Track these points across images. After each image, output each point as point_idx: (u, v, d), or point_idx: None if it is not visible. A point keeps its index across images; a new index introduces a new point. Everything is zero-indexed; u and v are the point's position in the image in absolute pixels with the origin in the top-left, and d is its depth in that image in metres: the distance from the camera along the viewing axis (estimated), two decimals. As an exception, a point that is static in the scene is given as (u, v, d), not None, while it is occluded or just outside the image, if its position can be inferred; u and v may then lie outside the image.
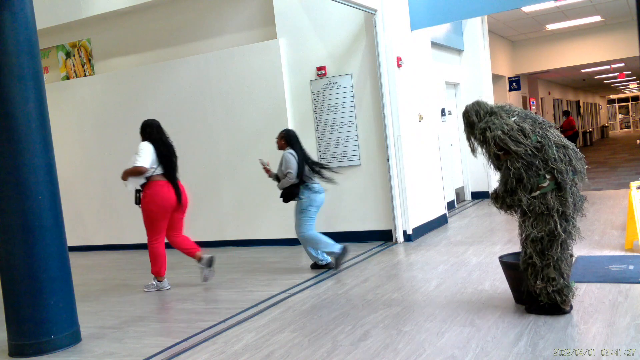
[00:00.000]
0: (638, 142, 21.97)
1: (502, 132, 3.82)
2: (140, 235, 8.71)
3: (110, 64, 9.26)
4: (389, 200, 7.26)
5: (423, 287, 5.05)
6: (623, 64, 18.76)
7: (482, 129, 3.93)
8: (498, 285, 4.78)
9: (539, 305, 3.93)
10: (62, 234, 4.39)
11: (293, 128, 7.76)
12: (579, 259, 5.23)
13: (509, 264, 4.21)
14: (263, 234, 7.88)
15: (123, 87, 8.91)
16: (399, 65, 7.21)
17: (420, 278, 5.40)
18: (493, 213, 4.14)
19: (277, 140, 6.23)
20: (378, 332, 3.96)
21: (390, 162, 7.17)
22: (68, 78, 9.63)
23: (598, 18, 13.34)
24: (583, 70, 19.12)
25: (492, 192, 4.12)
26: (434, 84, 8.61)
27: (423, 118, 7.83)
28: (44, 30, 8.40)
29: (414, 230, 7.30)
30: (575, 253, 4.19)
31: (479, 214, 8.94)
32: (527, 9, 11.47)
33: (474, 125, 4.02)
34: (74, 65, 9.55)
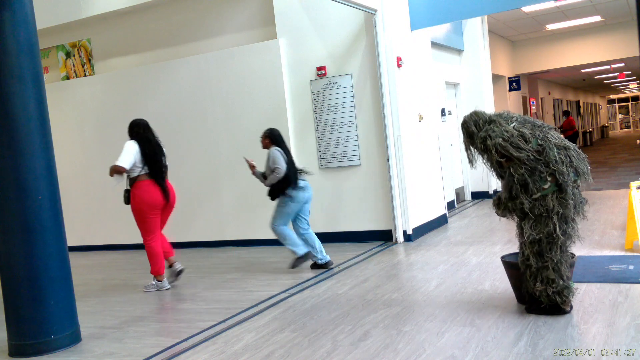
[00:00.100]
0: (638, 142, 21.96)
1: (502, 139, 3.82)
2: (140, 236, 8.73)
3: (110, 64, 9.26)
4: (389, 200, 7.26)
5: (423, 287, 5.05)
6: (623, 64, 18.76)
7: (482, 138, 3.92)
8: (498, 285, 4.78)
9: (539, 306, 3.93)
10: (62, 234, 4.39)
11: (293, 128, 7.78)
12: (579, 259, 5.22)
13: (511, 264, 4.21)
14: (263, 234, 7.86)
15: (123, 87, 8.91)
16: (399, 65, 7.21)
17: (420, 278, 5.40)
18: (493, 213, 4.14)
19: (261, 140, 6.29)
20: (378, 332, 3.96)
21: (390, 162, 7.17)
22: (68, 78, 9.63)
23: (598, 18, 13.34)
24: (583, 70, 19.12)
25: (494, 198, 4.12)
26: (434, 84, 8.61)
27: (423, 118, 7.83)
28: (44, 30, 8.40)
29: (414, 230, 7.30)
30: (576, 253, 4.19)
31: (479, 214, 8.94)
32: (527, 9, 11.47)
33: (474, 135, 4.01)
34: (74, 65, 9.55)
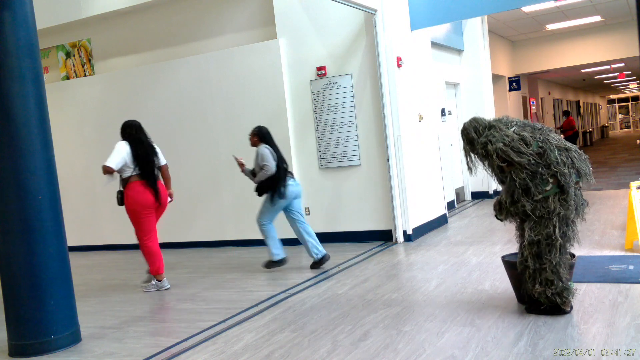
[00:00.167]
0: (638, 142, 21.97)
1: (503, 144, 3.82)
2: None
3: (110, 64, 9.26)
4: (389, 200, 7.26)
5: (423, 287, 5.05)
6: (623, 64, 18.76)
7: (483, 144, 3.92)
8: (498, 285, 4.78)
9: (539, 306, 3.92)
10: (62, 234, 4.39)
11: (293, 128, 7.78)
12: (579, 259, 5.22)
13: (511, 264, 4.20)
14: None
15: (123, 87, 8.91)
16: (399, 65, 7.21)
17: (420, 278, 5.40)
18: (493, 213, 4.16)
19: (249, 137, 6.31)
20: (378, 332, 3.96)
21: (390, 162, 7.17)
22: (68, 78, 9.63)
23: (598, 18, 13.34)
24: (583, 70, 19.12)
25: (494, 202, 4.12)
26: (434, 84, 8.61)
27: (423, 118, 7.83)
28: (44, 30, 8.40)
29: (414, 230, 7.30)
30: (576, 253, 4.19)
31: (479, 214, 8.94)
32: (527, 9, 11.47)
33: (474, 142, 4.01)
34: (74, 65, 9.55)
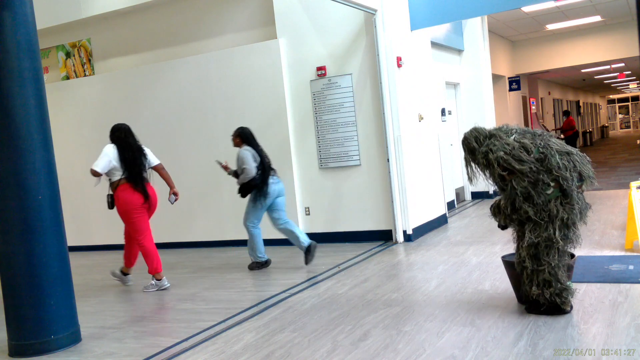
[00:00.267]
0: (638, 142, 21.97)
1: (504, 152, 3.83)
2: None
3: (110, 64, 9.26)
4: (389, 200, 7.26)
5: (423, 287, 5.05)
6: (623, 64, 18.76)
7: (484, 153, 3.94)
8: (498, 285, 4.78)
9: (539, 306, 3.93)
10: (62, 234, 4.39)
11: (293, 128, 7.78)
12: (579, 259, 5.22)
13: (512, 264, 4.20)
14: (263, 234, 7.86)
15: (123, 87, 8.91)
16: (399, 65, 7.21)
17: (420, 278, 5.40)
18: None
19: (232, 139, 6.41)
20: (378, 332, 3.96)
21: (390, 162, 7.17)
22: (68, 78, 9.63)
23: (598, 18, 13.34)
24: (583, 70, 19.11)
25: (492, 205, 4.12)
26: (434, 84, 8.61)
27: (423, 118, 7.83)
28: (44, 30, 8.40)
29: (414, 230, 7.30)
30: (575, 253, 4.19)
31: (479, 214, 8.94)
32: (527, 9, 11.47)
33: (475, 151, 4.02)
34: (74, 65, 9.55)
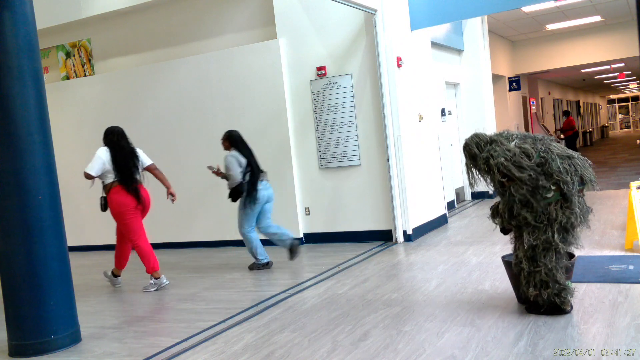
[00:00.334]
0: (638, 142, 21.97)
1: (504, 158, 3.83)
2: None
3: (110, 64, 9.26)
4: (389, 200, 7.26)
5: (423, 287, 5.05)
6: (623, 64, 18.75)
7: (484, 159, 3.95)
8: (498, 285, 4.78)
9: (539, 306, 3.93)
10: (62, 234, 4.39)
11: (293, 128, 7.77)
12: (579, 259, 5.22)
13: (512, 263, 4.21)
14: (263, 234, 7.87)
15: (123, 87, 8.91)
16: (399, 65, 7.21)
17: (420, 278, 5.40)
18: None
19: (221, 142, 6.45)
20: (378, 332, 3.96)
21: (390, 162, 7.17)
22: (68, 78, 9.63)
23: (598, 18, 13.34)
24: (583, 70, 19.11)
25: (492, 207, 4.13)
26: (434, 84, 8.61)
27: (423, 118, 7.83)
28: (44, 30, 8.40)
29: (414, 230, 7.29)
30: (576, 253, 4.19)
31: (479, 214, 8.94)
32: (527, 9, 11.47)
33: (477, 157, 4.03)
34: (74, 65, 9.55)
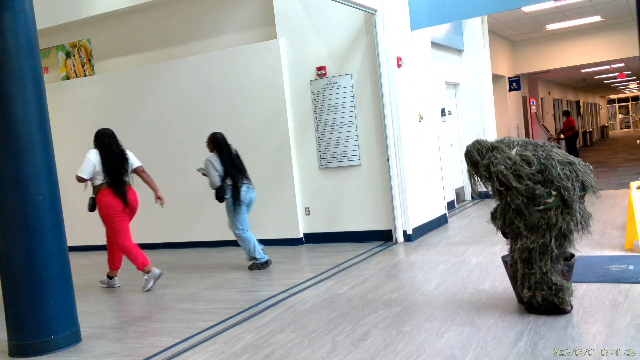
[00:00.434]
0: (638, 142, 21.97)
1: (504, 166, 3.85)
2: (140, 236, 8.72)
3: (110, 64, 9.26)
4: (389, 200, 7.26)
5: (423, 287, 5.05)
6: (623, 64, 18.75)
7: (485, 166, 3.97)
8: (498, 285, 4.78)
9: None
10: (62, 234, 4.39)
11: (293, 128, 7.77)
12: (579, 259, 5.22)
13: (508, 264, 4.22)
14: (263, 234, 7.87)
15: (123, 87, 8.91)
16: (399, 65, 7.21)
17: (420, 278, 5.40)
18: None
19: (206, 144, 6.57)
20: (378, 332, 3.96)
21: (390, 162, 7.17)
22: (68, 78, 9.63)
23: (598, 18, 13.34)
24: (583, 70, 19.11)
25: (492, 211, 4.16)
26: (434, 84, 8.61)
27: (423, 118, 7.83)
28: (44, 30, 8.40)
29: (414, 230, 7.29)
30: (576, 253, 4.19)
31: (479, 214, 8.93)
32: (527, 9, 11.47)
33: (478, 164, 4.05)
34: (74, 65, 9.55)
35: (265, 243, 7.80)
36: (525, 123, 16.17)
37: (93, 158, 5.95)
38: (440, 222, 8.14)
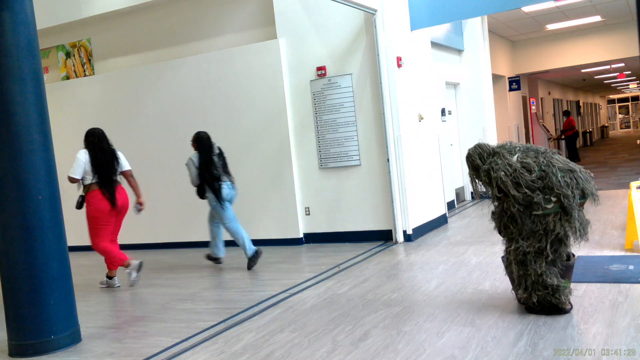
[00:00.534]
0: (638, 142, 21.98)
1: (504, 173, 3.85)
2: (140, 236, 8.74)
3: (110, 64, 9.26)
4: (389, 200, 7.26)
5: (423, 287, 5.05)
6: (623, 64, 18.75)
7: (486, 171, 3.98)
8: (498, 285, 4.78)
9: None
10: (62, 234, 4.39)
11: (293, 128, 7.77)
12: (579, 259, 5.22)
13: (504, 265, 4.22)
14: (263, 234, 7.88)
15: (123, 87, 8.91)
16: (399, 65, 7.21)
17: (420, 278, 5.40)
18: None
19: (191, 144, 6.65)
20: (378, 332, 3.96)
21: (390, 162, 7.17)
22: (68, 78, 9.63)
23: (598, 18, 13.34)
24: (583, 70, 19.11)
25: (492, 211, 4.17)
26: (434, 84, 8.61)
27: (423, 118, 7.83)
28: (44, 30, 8.40)
29: (414, 230, 7.29)
30: (576, 253, 4.20)
31: (479, 214, 8.93)
32: (527, 9, 11.47)
33: (479, 168, 4.06)
34: (74, 65, 9.55)
35: (265, 243, 7.81)
36: (525, 123, 16.16)
37: (83, 158, 5.97)
38: (440, 222, 8.14)
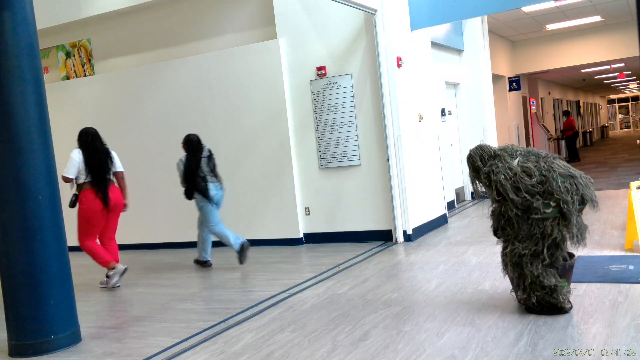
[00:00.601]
0: (638, 142, 21.98)
1: (504, 177, 3.86)
2: (140, 236, 8.74)
3: (110, 64, 9.26)
4: (389, 200, 7.26)
5: (423, 287, 5.05)
6: (623, 64, 18.75)
7: (486, 173, 3.98)
8: (498, 285, 4.78)
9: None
10: (62, 234, 4.39)
11: (293, 128, 7.77)
12: (579, 259, 5.22)
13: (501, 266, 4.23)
14: (263, 234, 7.88)
15: (123, 87, 8.91)
16: (399, 65, 7.21)
17: (420, 278, 5.40)
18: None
19: (182, 146, 6.75)
20: (378, 332, 3.96)
21: (390, 162, 7.17)
22: (68, 78, 9.63)
23: (598, 18, 13.34)
24: (583, 70, 19.11)
25: (492, 210, 4.18)
26: (434, 84, 8.61)
27: (423, 118, 7.83)
28: (44, 30, 8.40)
29: (414, 230, 7.29)
30: (575, 253, 4.20)
31: (479, 214, 8.93)
32: (527, 9, 11.47)
33: (479, 170, 4.06)
34: (74, 65, 9.55)
35: (266, 243, 7.81)
36: (525, 123, 16.16)
37: (77, 157, 5.98)
38: (440, 222, 8.14)
